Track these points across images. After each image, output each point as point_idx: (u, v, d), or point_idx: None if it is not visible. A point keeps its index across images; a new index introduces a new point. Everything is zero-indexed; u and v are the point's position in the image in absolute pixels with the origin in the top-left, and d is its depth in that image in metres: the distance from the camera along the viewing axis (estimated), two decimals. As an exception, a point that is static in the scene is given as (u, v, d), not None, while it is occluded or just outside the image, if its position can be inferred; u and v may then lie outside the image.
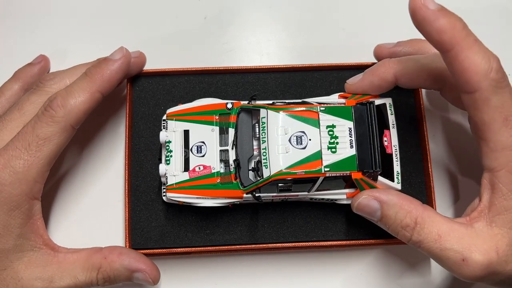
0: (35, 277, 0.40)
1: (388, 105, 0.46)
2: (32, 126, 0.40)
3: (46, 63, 0.51)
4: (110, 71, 0.43)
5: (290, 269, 0.48)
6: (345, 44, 0.54)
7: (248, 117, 0.45)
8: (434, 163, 0.49)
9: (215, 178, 0.44)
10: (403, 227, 0.39)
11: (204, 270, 0.48)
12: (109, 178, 0.49)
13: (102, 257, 0.42)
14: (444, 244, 0.37)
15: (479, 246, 0.37)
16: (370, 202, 0.40)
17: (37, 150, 0.39)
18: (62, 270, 0.41)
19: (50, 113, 0.40)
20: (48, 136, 0.40)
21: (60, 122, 0.40)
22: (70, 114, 0.41)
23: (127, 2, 0.55)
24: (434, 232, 0.38)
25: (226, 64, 0.52)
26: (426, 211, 0.39)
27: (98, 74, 0.43)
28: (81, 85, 0.42)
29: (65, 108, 0.40)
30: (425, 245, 0.38)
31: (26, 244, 0.40)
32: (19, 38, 0.54)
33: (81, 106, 0.41)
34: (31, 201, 0.40)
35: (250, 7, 0.56)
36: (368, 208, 0.41)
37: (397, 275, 0.48)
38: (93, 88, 0.42)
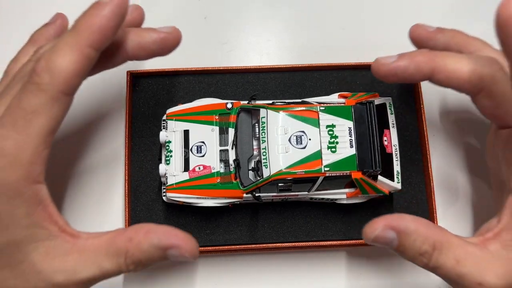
0: (55, 269, 0.34)
1: (388, 104, 0.46)
2: (17, 98, 0.33)
3: (63, 22, 0.44)
4: (100, 17, 0.34)
5: (290, 269, 0.48)
6: (345, 44, 0.54)
7: (248, 117, 0.45)
8: (434, 163, 0.49)
9: (215, 178, 0.44)
10: (421, 254, 0.36)
11: (204, 270, 0.48)
12: (109, 178, 0.49)
13: (127, 240, 0.35)
14: (461, 269, 0.35)
15: (495, 270, 0.35)
16: (386, 234, 0.36)
17: (26, 127, 0.33)
18: (84, 259, 0.35)
19: (34, 80, 0.33)
20: (36, 109, 0.33)
21: (48, 90, 0.33)
22: (58, 79, 0.33)
23: (127, 2, 0.55)
24: (451, 257, 0.36)
25: (226, 64, 0.52)
26: (443, 235, 0.37)
27: (86, 24, 0.34)
28: (66, 40, 0.34)
29: (51, 71, 0.33)
30: (442, 270, 0.36)
31: (40, 233, 0.34)
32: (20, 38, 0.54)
33: (70, 67, 0.33)
34: (32, 186, 0.34)
35: (250, 7, 0.56)
36: (384, 239, 0.36)
37: (397, 275, 0.48)
38: (81, 42, 0.33)
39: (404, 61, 0.39)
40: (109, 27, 0.34)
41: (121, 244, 0.35)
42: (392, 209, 0.48)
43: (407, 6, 0.56)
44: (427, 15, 0.55)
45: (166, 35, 0.39)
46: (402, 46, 0.50)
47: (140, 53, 0.39)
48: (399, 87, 0.51)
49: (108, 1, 0.34)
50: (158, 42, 0.39)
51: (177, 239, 0.35)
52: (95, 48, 0.34)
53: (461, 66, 0.38)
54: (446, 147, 0.51)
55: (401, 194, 0.48)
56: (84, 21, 0.34)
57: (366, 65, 0.50)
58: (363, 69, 0.51)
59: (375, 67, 0.40)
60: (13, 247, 0.34)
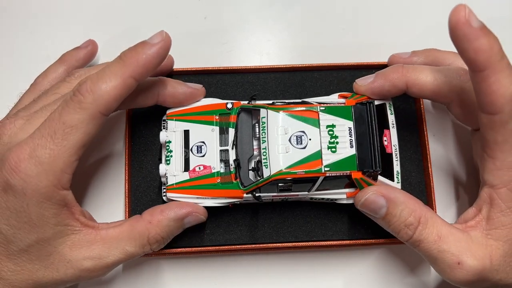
0: (82, 257, 0.39)
1: (388, 105, 0.46)
2: (59, 112, 0.37)
3: (93, 48, 0.50)
4: (146, 55, 0.39)
5: (290, 269, 0.48)
6: (345, 44, 0.54)
7: (248, 117, 0.45)
8: (434, 163, 0.49)
9: (215, 178, 0.44)
10: (406, 225, 0.40)
11: (204, 270, 0.48)
12: (109, 178, 0.49)
13: (147, 223, 0.41)
14: (442, 245, 0.39)
15: (474, 252, 0.39)
16: (377, 199, 0.41)
17: (63, 139, 0.37)
18: (108, 246, 0.40)
19: (78, 99, 0.37)
20: (75, 124, 0.37)
21: (88, 109, 0.37)
22: (100, 100, 0.37)
23: (127, 3, 0.55)
24: (434, 233, 0.39)
25: (226, 64, 0.52)
26: (429, 212, 0.40)
27: (133, 58, 0.39)
28: (113, 69, 0.38)
29: (94, 93, 0.37)
30: (424, 245, 0.39)
31: (65, 229, 0.39)
32: (20, 38, 0.54)
33: (111, 92, 0.38)
34: (60, 192, 0.38)
35: (250, 7, 0.56)
36: (374, 204, 0.41)
37: (397, 275, 0.48)
38: (126, 73, 0.38)
39: (379, 80, 0.44)
40: (152, 64, 0.39)
41: (142, 228, 0.41)
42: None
43: (407, 6, 0.56)
44: (427, 15, 0.55)
45: (194, 91, 0.46)
46: (402, 45, 0.50)
47: (169, 100, 0.45)
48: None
49: (156, 43, 0.39)
50: (188, 95, 0.45)
51: (189, 207, 0.42)
52: (136, 78, 0.39)
53: (431, 80, 0.42)
54: (446, 147, 0.51)
55: (401, 194, 0.48)
56: (131, 55, 0.39)
57: (366, 65, 0.51)
58: (363, 69, 0.51)
59: (355, 87, 0.45)
60: (43, 243, 0.38)
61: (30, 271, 0.38)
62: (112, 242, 0.40)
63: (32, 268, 0.38)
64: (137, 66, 0.39)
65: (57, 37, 0.54)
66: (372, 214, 0.42)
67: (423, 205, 0.41)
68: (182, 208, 0.42)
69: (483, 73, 0.37)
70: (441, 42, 0.48)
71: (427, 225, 0.39)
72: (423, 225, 0.39)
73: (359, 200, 0.42)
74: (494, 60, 0.36)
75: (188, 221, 0.43)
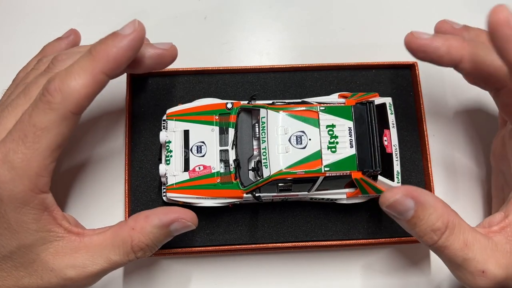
0: (65, 266, 0.37)
1: (388, 104, 0.46)
2: (29, 114, 0.35)
3: (76, 38, 0.46)
4: (117, 48, 0.36)
5: (290, 269, 0.48)
6: (345, 44, 0.54)
7: (248, 117, 0.45)
8: (434, 163, 0.49)
9: (215, 178, 0.44)
10: (433, 230, 0.37)
11: (204, 270, 0.48)
12: (109, 178, 0.49)
13: (130, 229, 0.38)
14: (468, 253, 0.36)
15: (498, 259, 0.37)
16: (405, 200, 0.36)
17: (35, 142, 0.35)
18: (91, 254, 0.38)
19: (47, 99, 0.35)
20: (45, 126, 0.35)
21: (58, 109, 0.35)
22: (69, 99, 0.35)
23: (127, 2, 0.56)
24: (461, 239, 0.37)
25: (226, 64, 0.52)
26: (457, 217, 0.38)
27: (103, 52, 0.36)
28: (82, 65, 0.36)
29: (63, 92, 0.35)
30: (449, 251, 0.37)
31: (48, 235, 0.37)
32: (19, 38, 0.54)
33: (81, 90, 0.35)
34: (38, 195, 0.36)
35: (250, 7, 0.56)
36: (402, 206, 0.37)
37: (397, 275, 0.48)
38: (96, 69, 0.36)
39: (437, 41, 0.40)
40: (124, 58, 0.36)
41: (125, 234, 0.38)
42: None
43: (407, 6, 0.56)
44: (427, 15, 0.55)
45: (163, 52, 0.41)
46: (402, 46, 0.50)
47: (136, 67, 0.41)
48: (399, 87, 0.51)
49: (127, 35, 0.36)
50: (155, 57, 0.41)
51: (176, 213, 0.38)
52: (107, 74, 0.36)
53: (492, 59, 0.38)
54: (446, 147, 0.51)
55: (401, 194, 0.48)
56: (101, 49, 0.36)
57: (366, 65, 0.51)
58: (363, 69, 0.51)
59: (408, 38, 0.41)
60: (24, 250, 0.37)
61: (16, 278, 0.37)
62: (96, 250, 0.38)
63: (17, 275, 0.37)
64: (107, 61, 0.36)
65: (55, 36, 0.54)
66: (397, 216, 0.38)
67: (451, 208, 0.38)
68: (167, 214, 0.38)
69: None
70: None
71: (454, 231, 0.37)
72: (450, 231, 0.37)
73: (387, 200, 0.37)
74: None
75: (175, 228, 0.39)
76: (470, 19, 0.44)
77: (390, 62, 0.51)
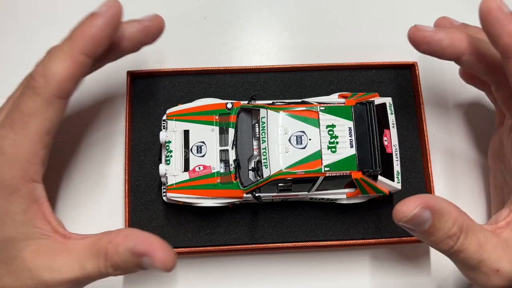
0: (43, 267, 0.35)
1: (388, 104, 0.46)
2: (16, 102, 0.36)
3: None
4: (94, 27, 0.36)
5: (290, 269, 0.48)
6: (345, 44, 0.54)
7: (248, 117, 0.45)
8: (434, 163, 0.49)
9: (215, 178, 0.44)
10: (449, 236, 0.35)
11: (204, 270, 0.48)
12: (109, 178, 0.49)
13: (108, 241, 0.35)
14: (483, 255, 0.36)
15: (509, 256, 0.36)
16: (423, 214, 0.34)
17: (23, 128, 0.35)
18: (70, 259, 0.36)
19: (31, 84, 0.35)
20: (32, 111, 0.35)
21: (43, 94, 0.35)
22: (52, 83, 0.35)
23: (128, 2, 0.55)
24: (475, 241, 0.36)
25: (226, 64, 0.52)
26: (468, 218, 0.36)
27: (81, 33, 0.36)
28: (62, 48, 0.36)
29: (46, 76, 0.35)
30: (465, 254, 0.36)
31: (33, 231, 0.36)
32: (20, 38, 0.54)
33: (63, 73, 0.35)
34: (29, 184, 0.36)
35: (250, 7, 0.56)
36: (420, 219, 0.34)
37: (397, 275, 0.48)
38: (74, 50, 0.36)
39: (441, 33, 0.40)
40: (102, 36, 0.36)
41: (102, 245, 0.35)
42: (392, 209, 0.47)
43: (407, 6, 0.56)
44: (427, 15, 0.55)
45: (149, 23, 0.41)
46: (402, 46, 0.50)
47: (125, 45, 0.40)
48: (399, 87, 0.51)
49: (102, 12, 0.36)
50: (142, 31, 0.40)
51: (151, 247, 0.34)
52: (88, 55, 0.36)
53: (494, 51, 0.38)
54: (446, 147, 0.51)
55: (401, 194, 0.48)
56: (79, 30, 0.36)
57: (366, 65, 0.51)
58: (363, 69, 0.51)
59: (412, 31, 0.41)
60: (8, 243, 0.35)
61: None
62: (75, 255, 0.36)
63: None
64: (85, 40, 0.36)
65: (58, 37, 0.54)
66: (412, 228, 0.36)
67: (462, 210, 0.37)
68: (144, 243, 0.34)
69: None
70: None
71: (468, 233, 0.35)
72: (465, 234, 0.35)
73: (404, 215, 0.34)
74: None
75: (144, 262, 0.35)
76: (470, 19, 0.44)
77: (390, 62, 0.51)
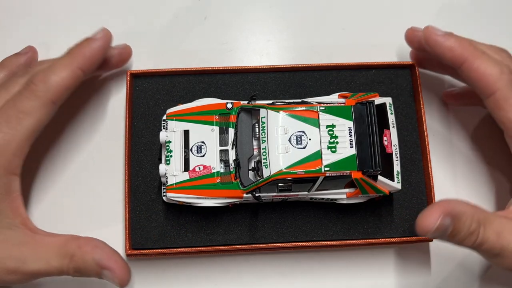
0: (7, 256, 0.38)
1: (388, 104, 0.46)
2: (13, 100, 0.40)
3: (33, 54, 0.51)
4: (91, 49, 0.44)
5: (290, 269, 0.48)
6: (345, 44, 0.54)
7: (248, 117, 0.45)
8: (434, 163, 0.49)
9: (215, 178, 0.44)
10: (471, 233, 0.37)
11: (204, 270, 0.48)
12: (109, 178, 0.49)
13: (77, 246, 0.39)
14: (502, 242, 0.37)
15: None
16: (445, 222, 0.36)
17: (17, 124, 0.39)
18: (36, 252, 0.39)
19: (31, 88, 0.41)
20: (28, 110, 0.40)
21: (41, 97, 0.40)
22: (51, 89, 0.41)
23: (128, 2, 0.56)
24: (493, 231, 0.38)
25: (226, 64, 0.52)
26: (482, 211, 0.38)
27: (80, 52, 0.43)
28: (62, 61, 0.43)
29: (46, 83, 0.41)
30: (487, 245, 0.38)
31: (3, 221, 0.39)
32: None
33: (62, 81, 0.41)
34: (9, 176, 0.39)
35: (250, 7, 0.56)
36: (444, 226, 0.37)
37: (397, 275, 0.48)
38: (73, 65, 0.42)
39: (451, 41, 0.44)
40: (97, 56, 0.44)
41: (71, 248, 0.39)
42: (392, 209, 0.48)
43: (406, 6, 0.56)
44: (426, 15, 0.55)
45: (121, 50, 0.50)
46: (402, 46, 0.50)
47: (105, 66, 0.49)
48: (399, 87, 0.51)
49: (99, 38, 0.45)
50: (117, 56, 0.49)
51: (116, 264, 0.40)
52: (83, 70, 0.43)
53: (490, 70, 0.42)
54: (446, 147, 0.51)
55: (401, 194, 0.48)
56: (78, 49, 0.44)
57: (366, 65, 0.51)
58: (363, 69, 0.51)
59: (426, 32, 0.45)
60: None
61: None
62: (41, 249, 0.39)
63: None
64: (83, 58, 0.43)
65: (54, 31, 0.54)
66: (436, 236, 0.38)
67: (474, 205, 0.38)
68: (110, 259, 0.40)
69: (465, 65, 0.42)
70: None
71: (486, 226, 0.37)
72: (484, 227, 0.37)
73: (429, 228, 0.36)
74: (468, 51, 0.42)
75: (105, 274, 0.40)
76: (470, 20, 0.44)
77: (390, 62, 0.51)
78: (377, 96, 0.46)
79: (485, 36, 0.47)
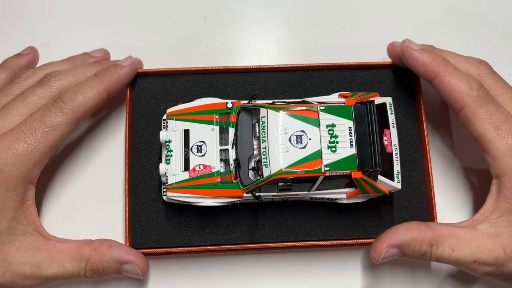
0: (24, 262, 0.40)
1: (388, 104, 0.46)
2: (40, 114, 0.42)
3: (34, 55, 0.52)
4: (118, 74, 0.47)
5: (290, 268, 0.48)
6: (345, 44, 0.54)
7: (248, 117, 0.45)
8: (434, 162, 0.49)
9: (215, 177, 0.44)
10: (422, 254, 0.41)
11: (204, 269, 0.48)
12: (109, 177, 0.49)
13: (92, 249, 0.42)
14: (456, 254, 0.41)
15: (485, 246, 0.41)
16: (391, 252, 0.42)
17: (42, 137, 0.41)
18: (51, 257, 0.41)
19: (59, 105, 0.43)
20: (54, 125, 0.42)
21: (68, 114, 0.43)
22: (78, 108, 0.43)
23: (128, 2, 0.56)
24: (447, 247, 0.41)
25: (226, 64, 0.52)
26: (434, 232, 0.42)
27: (108, 76, 0.46)
28: (91, 83, 0.45)
29: (74, 101, 0.43)
30: (443, 260, 0.42)
31: (19, 227, 0.41)
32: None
33: (89, 102, 0.44)
34: (27, 184, 0.42)
35: (250, 7, 0.56)
36: (390, 256, 0.42)
37: (397, 275, 0.48)
38: (101, 88, 0.45)
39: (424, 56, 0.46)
40: (123, 82, 0.47)
41: (86, 252, 0.42)
42: (392, 209, 0.48)
43: (406, 6, 0.56)
44: (427, 15, 0.55)
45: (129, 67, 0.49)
46: (402, 46, 0.50)
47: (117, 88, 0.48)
48: (399, 87, 0.51)
49: (126, 66, 0.48)
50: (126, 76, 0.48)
51: (135, 257, 0.43)
52: (109, 93, 0.46)
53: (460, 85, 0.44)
54: (446, 147, 0.51)
55: (401, 194, 0.48)
56: (106, 73, 0.46)
57: (366, 65, 0.51)
58: (363, 69, 0.51)
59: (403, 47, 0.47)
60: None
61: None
62: (55, 255, 0.41)
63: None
64: (110, 82, 0.46)
65: (54, 30, 0.54)
66: None
67: (427, 227, 0.42)
68: (128, 254, 0.43)
69: (436, 80, 0.44)
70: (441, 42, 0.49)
71: (439, 245, 0.41)
72: (436, 247, 0.41)
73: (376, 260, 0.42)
74: (440, 67, 0.44)
75: (125, 269, 0.43)
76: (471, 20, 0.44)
77: (390, 62, 0.51)
78: (377, 96, 0.46)
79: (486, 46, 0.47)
